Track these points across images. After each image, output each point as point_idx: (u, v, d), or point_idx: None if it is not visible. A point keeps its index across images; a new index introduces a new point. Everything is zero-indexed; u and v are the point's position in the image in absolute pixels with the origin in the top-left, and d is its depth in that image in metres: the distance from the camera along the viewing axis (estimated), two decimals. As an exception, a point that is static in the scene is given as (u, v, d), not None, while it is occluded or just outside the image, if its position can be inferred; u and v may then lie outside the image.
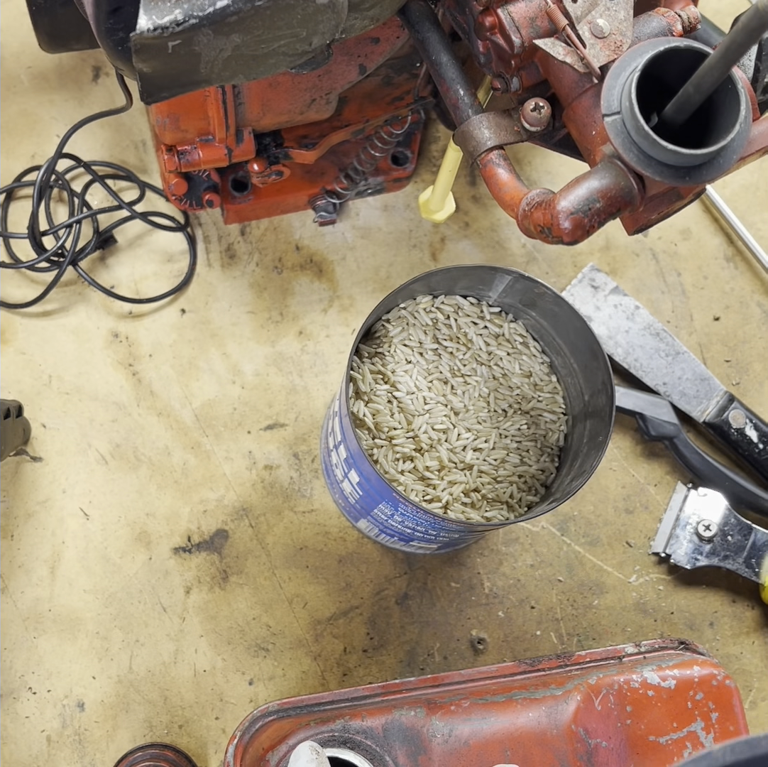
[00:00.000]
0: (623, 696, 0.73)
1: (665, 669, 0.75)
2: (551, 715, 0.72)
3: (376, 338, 0.82)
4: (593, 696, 0.73)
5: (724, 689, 0.75)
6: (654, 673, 0.75)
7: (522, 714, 0.72)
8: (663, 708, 0.73)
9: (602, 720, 0.72)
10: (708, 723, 0.74)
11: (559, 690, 0.73)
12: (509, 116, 0.65)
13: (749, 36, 0.47)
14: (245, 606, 0.89)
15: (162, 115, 0.81)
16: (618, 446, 0.96)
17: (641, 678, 0.74)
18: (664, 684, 0.74)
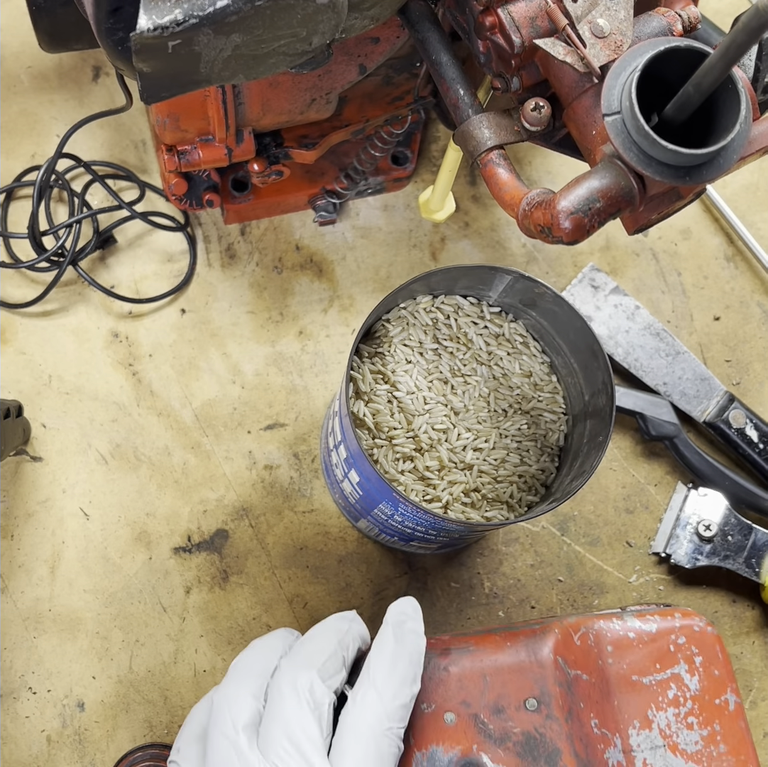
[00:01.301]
0: (603, 636, 0.73)
1: (646, 615, 0.75)
2: (530, 645, 0.72)
3: (376, 338, 0.82)
4: (572, 632, 0.73)
5: (706, 635, 0.75)
6: (634, 619, 0.75)
7: (501, 644, 0.73)
8: (644, 649, 0.73)
9: (582, 655, 0.72)
10: (692, 666, 0.74)
11: (537, 624, 0.74)
12: (509, 116, 0.65)
13: (749, 36, 0.47)
14: (245, 606, 0.89)
15: (162, 115, 0.81)
16: (618, 446, 0.96)
17: (621, 622, 0.74)
18: (645, 627, 0.74)
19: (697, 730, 0.72)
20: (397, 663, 0.65)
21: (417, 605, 0.68)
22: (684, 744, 0.72)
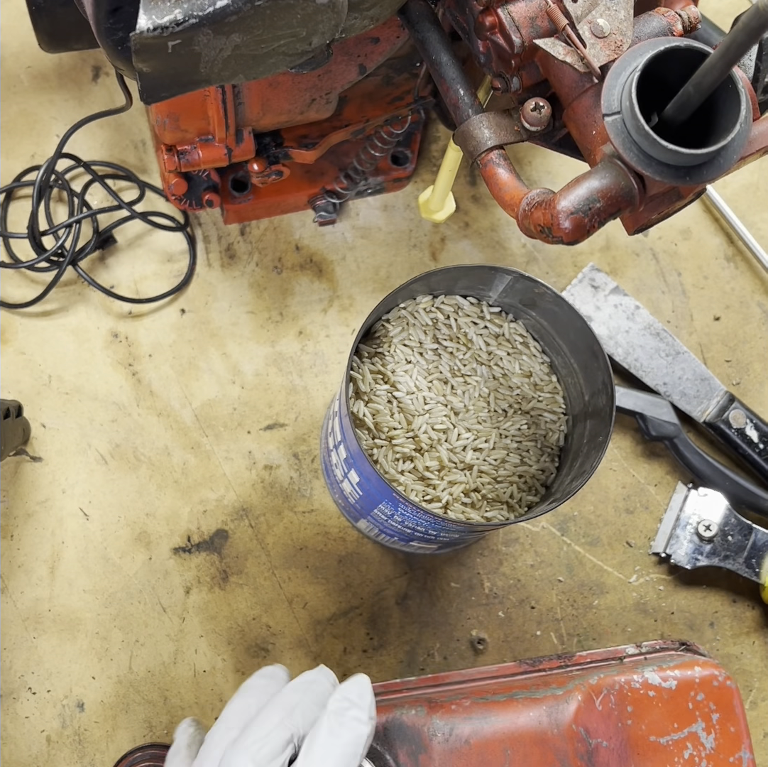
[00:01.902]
0: (624, 696, 0.73)
1: (666, 670, 0.75)
2: (552, 715, 0.72)
3: (376, 338, 0.82)
4: (594, 695, 0.73)
5: (725, 690, 0.75)
6: (655, 673, 0.74)
7: (523, 713, 0.72)
8: (664, 708, 0.73)
9: (603, 720, 0.72)
10: (709, 724, 0.74)
11: (560, 689, 0.73)
12: (509, 116, 0.65)
13: (750, 36, 0.47)
14: (245, 606, 0.89)
15: (162, 115, 0.81)
16: (618, 446, 0.95)
17: (642, 679, 0.74)
18: (665, 685, 0.74)
19: None
20: (327, 759, 0.61)
21: (366, 687, 0.64)
22: None
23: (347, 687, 0.64)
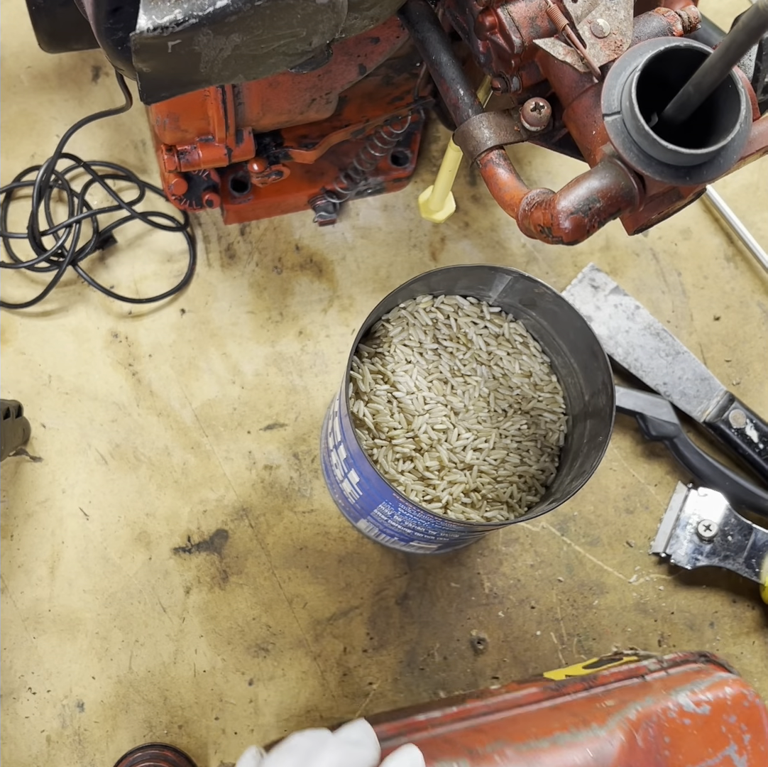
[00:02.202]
0: (662, 727, 0.73)
1: (698, 694, 0.75)
2: (597, 758, 0.71)
3: (376, 338, 0.82)
4: (634, 732, 0.72)
5: (754, 709, 0.75)
6: (688, 699, 0.74)
7: (568, 759, 0.71)
8: (699, 735, 0.73)
9: (644, 755, 0.72)
10: (741, 746, 0.74)
11: (602, 729, 0.73)
12: (509, 116, 0.65)
13: (749, 36, 0.47)
14: (245, 606, 0.89)
15: (162, 115, 0.81)
16: (618, 446, 0.95)
17: (677, 707, 0.74)
18: (699, 711, 0.74)
19: None
20: None
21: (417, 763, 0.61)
22: None
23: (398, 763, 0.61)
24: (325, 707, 0.88)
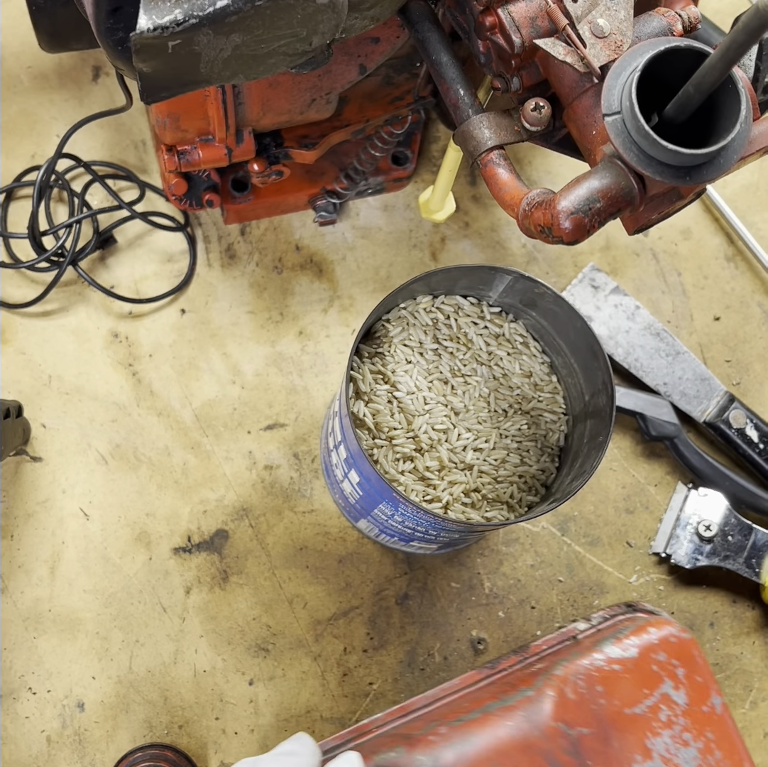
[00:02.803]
0: (591, 677, 0.73)
1: (623, 639, 0.75)
2: (530, 718, 0.71)
3: (376, 338, 0.82)
4: (564, 687, 0.72)
5: (683, 643, 0.75)
6: (614, 647, 0.74)
7: (500, 725, 0.71)
8: (631, 678, 0.73)
9: (578, 707, 0.72)
10: (676, 681, 0.74)
11: (530, 690, 0.73)
12: (509, 116, 0.65)
13: (750, 36, 0.47)
14: (245, 606, 0.89)
15: (162, 115, 0.81)
16: (618, 446, 0.95)
17: (604, 656, 0.74)
18: (627, 655, 0.74)
19: (693, 745, 0.73)
20: None
21: None
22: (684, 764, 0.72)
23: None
24: (325, 707, 0.88)
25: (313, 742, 0.64)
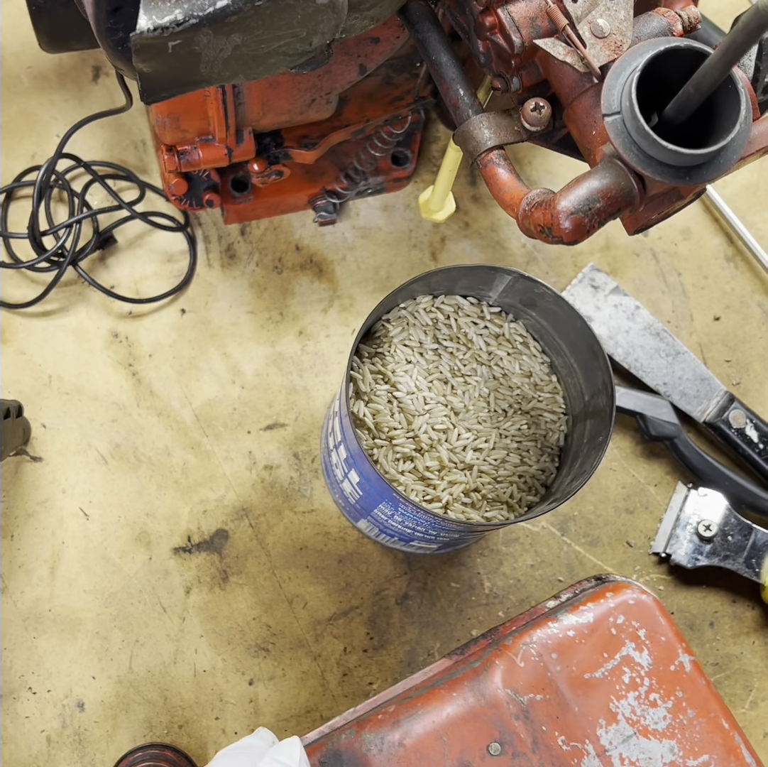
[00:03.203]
0: (544, 645, 0.73)
1: (579, 606, 0.75)
2: (475, 688, 0.72)
3: (376, 338, 0.82)
4: (513, 655, 0.72)
5: (642, 604, 0.74)
6: (569, 614, 0.74)
7: (446, 698, 0.72)
8: (588, 643, 0.73)
9: (529, 675, 0.72)
10: (638, 642, 0.73)
11: (477, 661, 0.73)
12: (509, 116, 0.65)
13: (749, 36, 0.47)
14: (245, 606, 0.89)
15: (162, 115, 0.81)
16: (618, 446, 0.96)
17: (557, 623, 0.74)
18: (582, 620, 0.74)
19: (661, 705, 0.72)
20: None
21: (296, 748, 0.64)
22: (653, 724, 0.72)
23: (278, 749, 0.64)
24: (325, 707, 0.88)
25: (272, 735, 0.67)
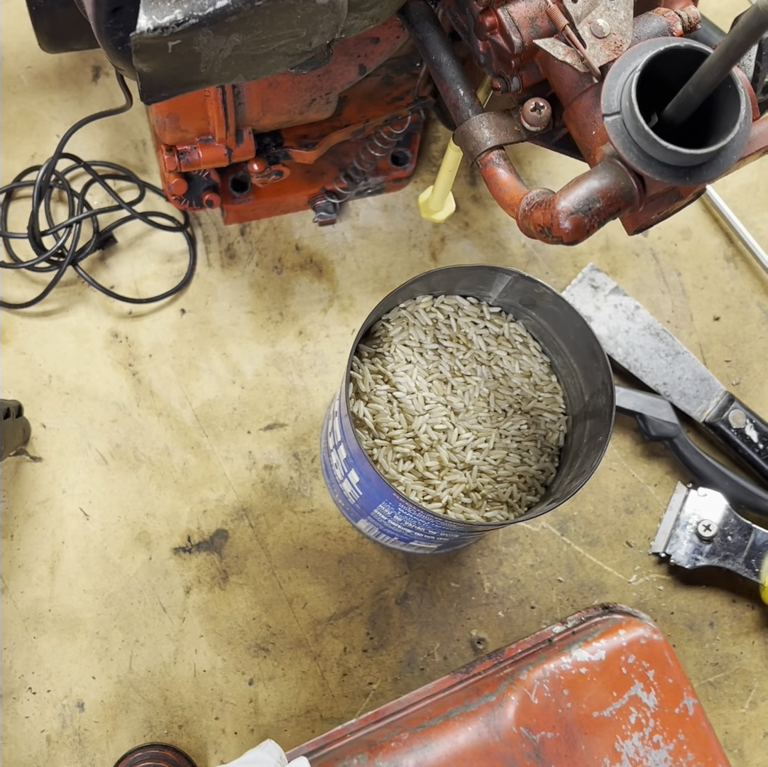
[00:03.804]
0: (557, 681, 0.73)
1: (592, 642, 0.74)
2: (490, 723, 0.71)
3: (376, 338, 0.82)
4: (528, 691, 0.72)
5: (654, 645, 0.74)
6: (582, 650, 0.74)
7: (461, 731, 0.71)
8: (599, 681, 0.73)
9: (542, 712, 0.72)
10: (646, 683, 0.73)
11: (492, 695, 0.73)
12: (509, 116, 0.65)
13: (749, 36, 0.47)
14: (245, 606, 0.89)
15: (162, 115, 0.81)
16: (618, 446, 0.96)
17: (571, 659, 0.73)
18: (594, 658, 0.74)
19: (663, 747, 0.72)
20: None
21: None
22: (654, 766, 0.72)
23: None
24: (325, 707, 0.88)
25: (279, 749, 0.66)
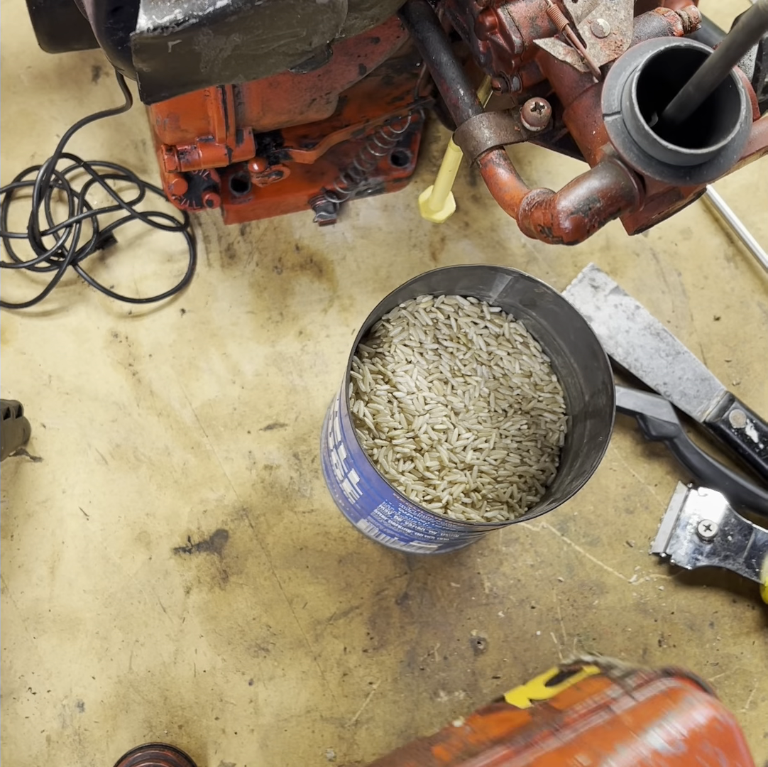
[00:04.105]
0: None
1: (670, 730, 0.72)
2: None
3: (376, 338, 0.82)
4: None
5: (728, 731, 0.72)
6: (661, 739, 0.72)
7: None
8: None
9: None
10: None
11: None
12: (509, 116, 0.65)
13: (750, 36, 0.47)
14: (245, 606, 0.89)
15: (162, 115, 0.81)
16: (618, 446, 0.95)
17: (651, 753, 0.71)
18: (677, 751, 0.72)
19: None
20: None
21: None
22: None
23: None
24: (325, 707, 0.88)
25: None
